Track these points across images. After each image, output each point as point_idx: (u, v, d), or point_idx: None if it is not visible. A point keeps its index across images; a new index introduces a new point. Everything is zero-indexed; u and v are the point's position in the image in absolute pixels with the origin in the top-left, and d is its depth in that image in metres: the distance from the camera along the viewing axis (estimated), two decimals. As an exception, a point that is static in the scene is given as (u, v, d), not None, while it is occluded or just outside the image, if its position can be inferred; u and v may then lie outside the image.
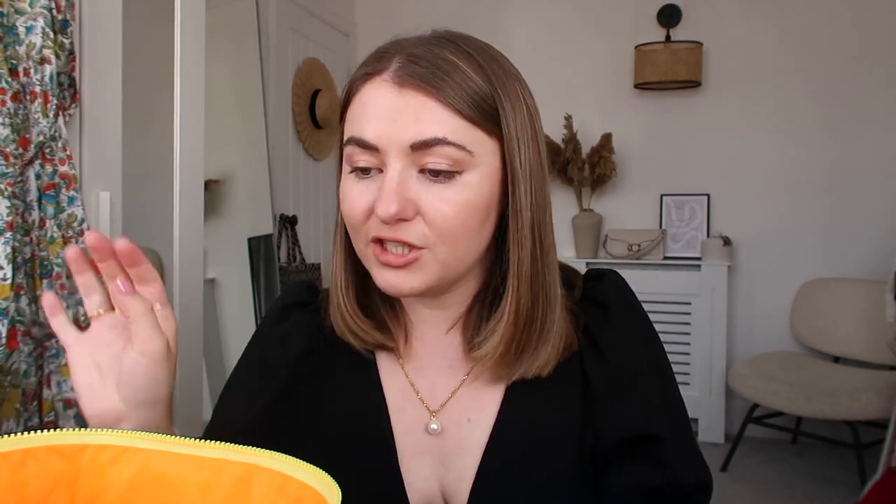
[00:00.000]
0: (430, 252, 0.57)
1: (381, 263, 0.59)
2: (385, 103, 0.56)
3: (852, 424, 2.51)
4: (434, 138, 0.55)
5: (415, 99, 0.56)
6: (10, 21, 1.28)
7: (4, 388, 1.26)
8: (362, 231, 0.59)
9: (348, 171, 0.60)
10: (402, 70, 0.57)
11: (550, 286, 0.62)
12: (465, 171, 0.57)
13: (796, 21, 3.09)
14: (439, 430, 0.65)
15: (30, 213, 1.32)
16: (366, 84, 0.59)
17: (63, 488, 0.39)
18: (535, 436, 0.63)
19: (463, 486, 0.63)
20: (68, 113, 1.42)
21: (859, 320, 2.81)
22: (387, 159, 0.56)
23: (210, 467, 0.39)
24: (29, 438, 0.39)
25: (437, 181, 0.56)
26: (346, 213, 0.60)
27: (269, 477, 0.39)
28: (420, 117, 0.55)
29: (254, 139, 2.78)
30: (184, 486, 0.39)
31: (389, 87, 0.57)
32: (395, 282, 0.58)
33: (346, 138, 0.59)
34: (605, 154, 3.17)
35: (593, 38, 3.36)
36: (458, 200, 0.56)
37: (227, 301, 2.74)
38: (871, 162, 3.00)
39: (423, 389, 0.66)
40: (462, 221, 0.57)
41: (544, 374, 0.63)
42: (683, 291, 3.06)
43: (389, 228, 0.56)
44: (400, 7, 3.58)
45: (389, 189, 0.55)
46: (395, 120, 0.56)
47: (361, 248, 0.61)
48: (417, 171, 0.57)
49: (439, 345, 0.67)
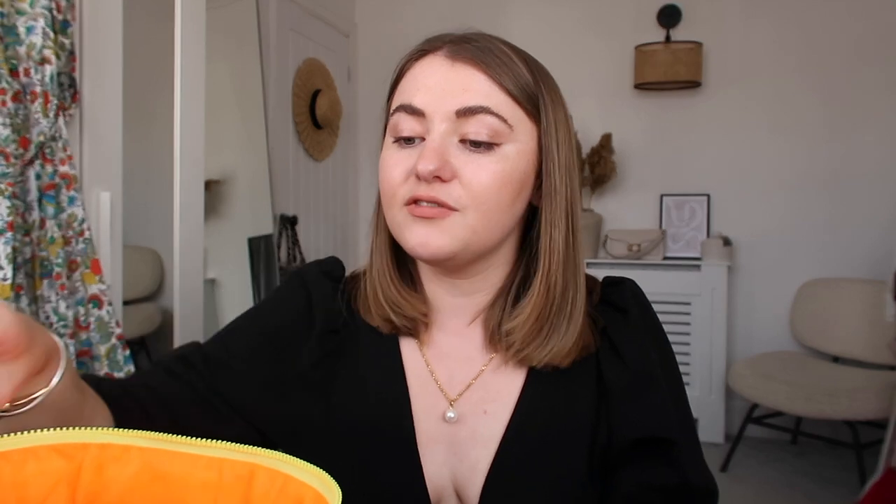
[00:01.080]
0: (461, 215, 0.59)
1: (414, 217, 0.60)
2: (437, 75, 0.60)
3: (852, 424, 2.51)
4: (479, 106, 0.59)
5: (465, 71, 0.60)
6: (10, 21, 1.28)
7: (5, 387, 1.26)
8: (399, 194, 0.60)
9: (391, 141, 0.62)
10: (455, 47, 0.61)
11: (579, 274, 0.65)
12: (504, 144, 0.60)
13: (796, 21, 3.09)
14: (456, 419, 0.65)
15: (30, 213, 1.32)
16: (419, 61, 0.63)
17: (64, 487, 0.39)
18: (550, 430, 0.64)
19: (476, 478, 0.63)
20: (68, 113, 1.42)
21: (859, 320, 2.81)
22: (431, 125, 0.59)
23: (212, 466, 0.39)
24: (30, 437, 0.39)
25: (477, 150, 0.59)
26: (383, 180, 0.62)
27: (270, 476, 0.39)
28: (467, 87, 0.59)
29: (254, 139, 2.78)
30: (186, 485, 0.39)
31: (442, 61, 0.61)
32: (425, 238, 0.59)
33: (393, 108, 0.62)
34: (605, 154, 3.17)
35: (593, 38, 3.36)
36: (495, 169, 0.59)
37: (227, 301, 2.74)
38: (871, 162, 3.01)
39: (442, 377, 0.67)
40: (497, 190, 0.60)
41: (564, 364, 0.64)
42: (683, 291, 3.06)
43: (427, 186, 0.58)
44: (400, 7, 3.58)
45: (431, 148, 0.58)
46: (444, 89, 0.60)
47: (395, 214, 0.62)
48: (459, 139, 0.60)
49: (460, 336, 0.68)
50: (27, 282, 1.32)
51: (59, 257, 1.36)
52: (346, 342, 0.70)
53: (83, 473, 0.39)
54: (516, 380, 0.66)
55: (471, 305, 0.68)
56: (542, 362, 0.63)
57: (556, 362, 0.63)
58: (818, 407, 2.47)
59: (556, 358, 0.63)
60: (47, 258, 1.35)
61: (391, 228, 0.64)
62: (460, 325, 0.68)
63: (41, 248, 1.34)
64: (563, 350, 0.63)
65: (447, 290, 0.68)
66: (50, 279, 1.35)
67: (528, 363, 0.65)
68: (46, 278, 1.34)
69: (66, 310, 1.36)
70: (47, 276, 1.34)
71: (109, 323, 1.46)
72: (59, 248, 1.36)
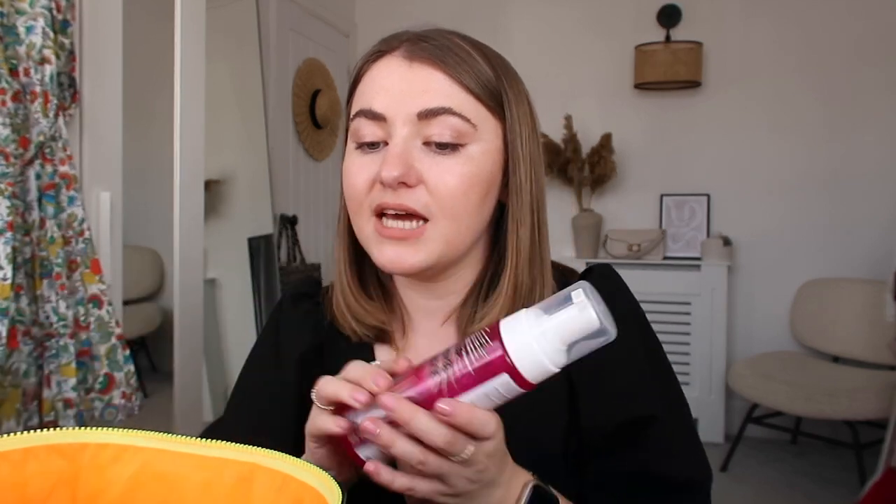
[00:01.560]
0: (433, 226, 0.59)
1: (382, 237, 0.59)
2: (395, 77, 0.59)
3: (852, 424, 2.51)
4: (440, 107, 0.57)
5: (423, 71, 0.59)
6: (10, 21, 1.28)
7: (4, 388, 1.26)
8: (365, 204, 0.60)
9: (353, 147, 0.61)
10: (412, 46, 0.60)
11: (545, 269, 0.65)
12: (468, 144, 0.59)
13: (796, 21, 3.09)
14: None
15: (30, 213, 1.32)
16: (376, 62, 0.61)
17: (64, 487, 0.39)
18: (519, 426, 0.64)
19: None
20: (68, 113, 1.42)
21: (859, 320, 2.81)
22: (393, 129, 0.58)
23: (211, 466, 0.39)
24: (29, 437, 0.39)
25: (441, 153, 0.58)
26: (348, 187, 0.61)
27: (269, 476, 0.39)
28: (427, 88, 0.58)
29: (254, 139, 2.78)
30: (185, 485, 0.39)
31: (400, 62, 0.60)
32: (396, 258, 0.59)
33: (353, 113, 0.61)
34: (605, 154, 3.17)
35: (593, 38, 3.36)
36: (461, 171, 0.58)
37: (227, 301, 2.74)
38: (871, 162, 3.00)
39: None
40: (464, 193, 0.58)
41: None
42: (683, 291, 3.06)
43: (393, 194, 0.57)
44: (400, 7, 3.57)
45: (394, 153, 0.57)
46: (403, 90, 0.58)
47: (363, 224, 0.61)
48: (422, 142, 0.58)
49: (434, 337, 0.68)
50: (27, 282, 1.32)
51: (59, 257, 1.36)
52: (326, 352, 0.70)
53: (83, 473, 0.39)
54: None
55: (444, 307, 0.67)
56: None
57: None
58: (818, 407, 2.47)
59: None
60: (47, 258, 1.35)
61: (360, 238, 0.63)
62: (434, 326, 0.68)
63: (41, 247, 1.34)
64: None
65: (420, 293, 0.67)
66: (50, 279, 1.35)
67: None
68: (46, 278, 1.34)
69: (66, 310, 1.36)
70: (47, 275, 1.34)
71: (109, 323, 1.46)
72: (59, 247, 1.36)
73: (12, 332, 1.26)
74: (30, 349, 1.31)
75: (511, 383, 0.46)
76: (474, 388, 0.46)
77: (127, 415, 1.49)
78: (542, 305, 0.47)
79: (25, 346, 1.30)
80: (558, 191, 3.36)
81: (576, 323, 0.45)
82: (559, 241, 3.40)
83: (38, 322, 1.34)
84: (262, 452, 0.40)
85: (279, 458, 0.40)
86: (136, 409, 1.51)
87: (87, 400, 1.43)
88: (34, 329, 1.33)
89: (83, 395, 1.41)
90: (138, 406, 1.51)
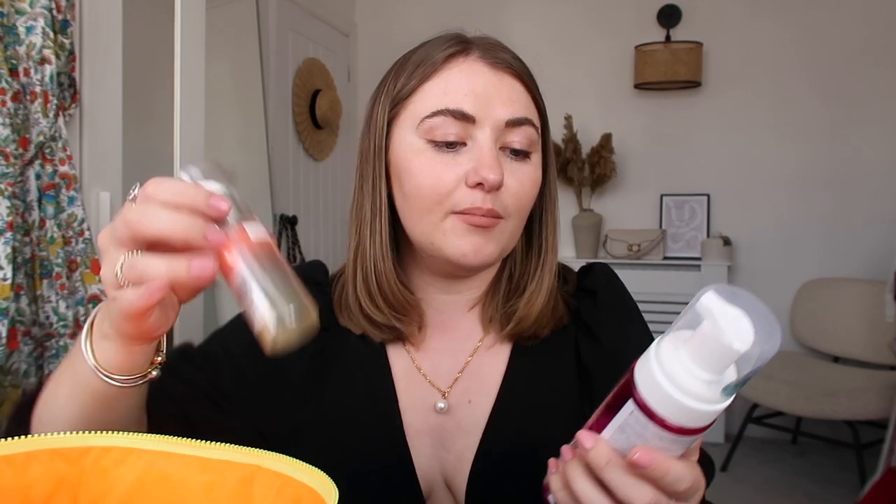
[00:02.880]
0: (504, 223, 0.62)
1: (471, 227, 0.60)
2: (481, 81, 0.61)
3: (852, 424, 2.51)
4: (525, 118, 0.62)
5: (508, 80, 0.62)
6: (10, 21, 1.28)
7: (4, 388, 1.26)
8: (445, 204, 0.60)
9: (424, 144, 0.61)
10: (492, 53, 0.63)
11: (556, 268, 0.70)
12: (534, 153, 0.64)
13: (796, 21, 3.09)
14: (446, 409, 0.66)
15: (30, 213, 1.32)
16: (452, 62, 0.62)
17: (66, 491, 0.39)
18: (532, 417, 0.65)
19: (463, 468, 0.64)
20: (68, 113, 1.42)
21: (859, 320, 2.81)
22: (479, 132, 0.60)
23: (214, 469, 0.39)
24: (32, 441, 0.39)
25: (516, 158, 0.62)
26: (425, 185, 0.60)
27: (270, 478, 0.39)
28: (513, 98, 0.62)
29: (254, 139, 2.78)
30: (188, 488, 0.39)
31: (483, 67, 0.62)
32: (479, 246, 0.60)
33: (432, 111, 0.61)
34: (605, 154, 3.17)
35: (593, 38, 3.36)
36: (531, 177, 0.63)
37: (227, 301, 2.74)
38: (871, 162, 3.01)
39: (429, 371, 0.68)
40: (531, 198, 0.64)
41: (543, 333, 0.66)
42: (683, 291, 3.06)
43: (487, 198, 0.59)
44: (400, 7, 3.57)
45: (493, 157, 0.59)
46: (491, 96, 0.61)
47: (436, 222, 0.61)
48: (498, 147, 0.61)
49: (447, 329, 0.69)
50: (27, 282, 1.32)
51: (59, 257, 1.36)
52: (332, 342, 0.69)
53: (85, 477, 0.39)
54: (499, 366, 0.67)
55: (461, 300, 0.69)
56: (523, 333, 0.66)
57: (539, 332, 0.66)
58: (818, 407, 2.47)
59: (539, 322, 0.66)
60: (47, 258, 1.34)
61: (421, 236, 0.62)
62: (447, 319, 0.69)
63: (41, 247, 1.34)
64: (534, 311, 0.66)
65: (441, 288, 0.68)
66: (50, 279, 1.35)
67: (510, 342, 0.68)
68: (46, 278, 1.34)
69: (65, 310, 1.36)
70: (47, 275, 1.34)
71: (109, 323, 1.46)
72: (59, 247, 1.36)
73: (12, 332, 1.26)
74: (30, 349, 1.31)
75: (644, 420, 0.40)
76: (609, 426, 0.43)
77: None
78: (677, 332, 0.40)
79: (25, 347, 1.30)
80: (558, 191, 3.36)
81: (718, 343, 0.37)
82: (559, 242, 3.40)
83: (38, 322, 1.34)
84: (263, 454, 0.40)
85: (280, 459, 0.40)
86: (136, 409, 1.51)
87: (88, 400, 1.43)
88: (34, 329, 1.33)
89: (83, 395, 1.41)
90: (138, 406, 1.51)
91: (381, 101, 0.65)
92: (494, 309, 0.68)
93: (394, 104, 0.64)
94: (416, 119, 0.61)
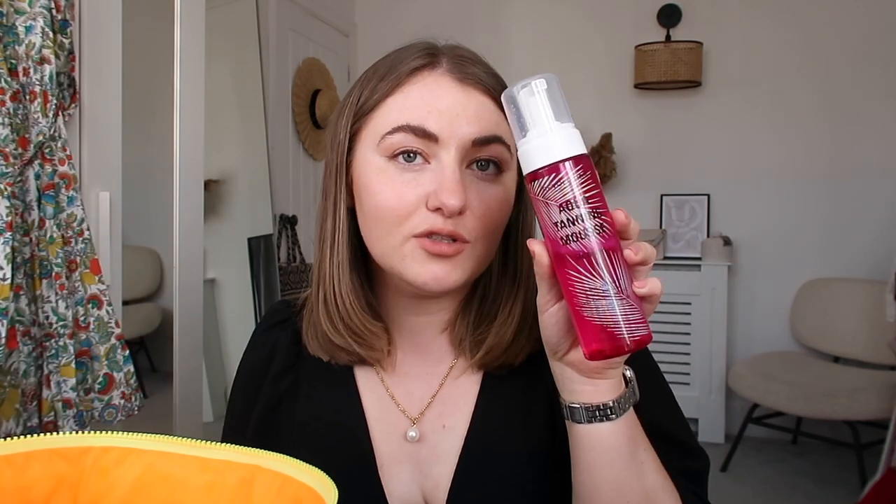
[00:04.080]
0: (471, 247, 0.58)
1: (431, 255, 0.57)
2: (448, 98, 0.58)
3: (852, 424, 2.51)
4: (494, 136, 0.58)
5: (476, 96, 0.58)
6: (9, 21, 1.28)
7: (4, 388, 1.26)
8: (404, 227, 0.57)
9: (384, 161, 0.58)
10: (460, 67, 0.59)
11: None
12: (505, 172, 0.60)
13: (797, 21, 3.09)
14: (417, 438, 0.65)
15: (29, 213, 1.32)
16: (417, 75, 0.59)
17: (65, 491, 0.39)
18: (507, 438, 0.63)
19: (440, 494, 0.63)
20: (68, 113, 1.42)
21: (859, 320, 2.81)
22: (443, 152, 0.57)
23: (215, 469, 0.39)
24: (32, 441, 0.38)
25: (484, 178, 0.59)
26: (384, 204, 0.57)
27: (270, 478, 0.39)
28: (481, 115, 0.58)
29: (254, 139, 2.78)
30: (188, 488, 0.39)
31: (450, 82, 0.58)
32: (442, 275, 0.57)
33: (393, 127, 0.57)
34: (605, 154, 3.17)
35: (593, 38, 3.36)
36: (501, 198, 0.59)
37: (227, 301, 2.74)
38: (871, 162, 3.01)
39: (401, 397, 0.67)
40: (501, 219, 0.60)
41: (517, 361, 0.64)
42: (683, 291, 3.06)
43: (448, 221, 0.56)
44: (400, 7, 3.57)
45: (455, 181, 0.55)
46: (458, 114, 0.57)
47: (396, 244, 0.58)
48: (467, 166, 0.58)
49: (418, 354, 0.67)
50: (26, 282, 1.32)
51: (59, 257, 1.35)
52: (301, 375, 0.70)
53: (85, 477, 0.39)
54: (472, 389, 0.65)
55: (433, 323, 0.67)
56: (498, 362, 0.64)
57: (510, 361, 0.63)
58: (818, 407, 2.47)
59: (506, 357, 0.63)
60: (47, 258, 1.34)
61: (382, 258, 0.60)
62: (420, 342, 0.67)
63: (40, 247, 1.34)
64: (515, 348, 0.63)
65: (411, 310, 0.66)
66: (49, 279, 1.35)
67: (482, 369, 0.65)
68: (46, 278, 1.34)
69: (65, 310, 1.36)
70: (47, 275, 1.34)
71: (109, 323, 1.46)
72: (59, 247, 1.36)
73: (12, 332, 1.26)
74: (29, 349, 1.31)
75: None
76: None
77: (126, 415, 1.49)
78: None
79: (25, 347, 1.30)
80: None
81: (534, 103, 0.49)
82: (559, 241, 3.40)
83: (38, 322, 1.34)
84: (264, 454, 0.40)
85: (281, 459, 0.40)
86: (135, 409, 1.50)
87: (87, 400, 1.43)
88: (34, 329, 1.33)
89: (83, 395, 1.41)
90: (138, 406, 1.51)
91: (346, 114, 0.62)
92: (465, 331, 0.65)
93: (356, 118, 0.61)
94: (378, 135, 0.58)
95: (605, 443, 0.53)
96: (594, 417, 0.53)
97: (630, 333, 0.46)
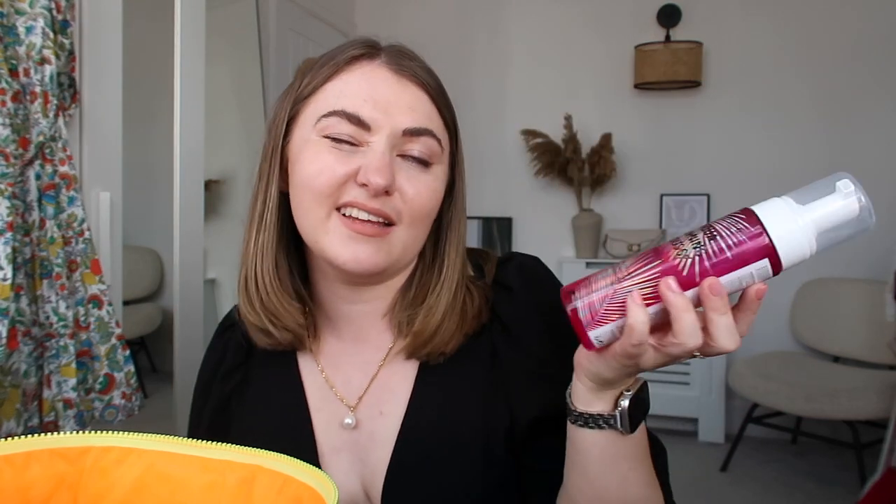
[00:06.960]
0: (397, 231, 0.60)
1: (353, 234, 0.58)
2: (383, 87, 0.60)
3: (852, 424, 2.51)
4: (425, 129, 0.60)
5: (411, 89, 0.61)
6: (10, 21, 1.28)
7: (4, 388, 1.26)
8: (331, 198, 0.59)
9: (317, 137, 0.60)
10: (398, 60, 0.61)
11: (465, 269, 0.68)
12: (435, 165, 0.62)
13: (796, 21, 3.09)
14: (354, 425, 0.66)
15: (30, 213, 1.32)
16: (355, 64, 0.61)
17: (66, 490, 0.39)
18: (444, 423, 0.64)
19: (377, 480, 0.63)
20: (68, 113, 1.42)
21: (859, 320, 2.81)
22: (374, 138, 0.59)
23: (215, 469, 0.39)
24: (32, 441, 0.39)
25: (415, 166, 0.61)
26: (316, 178, 0.59)
27: (270, 478, 0.39)
28: (414, 107, 0.60)
29: (254, 139, 2.78)
30: (189, 487, 0.39)
31: (386, 73, 0.61)
32: (363, 256, 0.58)
33: (328, 111, 0.59)
34: (604, 154, 3.17)
35: (593, 38, 3.36)
36: (432, 187, 0.62)
37: (227, 301, 2.74)
38: (871, 162, 3.01)
39: (340, 385, 0.68)
40: (431, 207, 0.62)
41: (448, 350, 0.64)
42: (683, 291, 3.06)
43: (372, 199, 0.58)
44: (400, 7, 3.57)
45: (384, 162, 0.58)
46: (391, 103, 0.59)
47: (321, 217, 0.59)
48: (398, 154, 0.60)
49: (356, 341, 0.68)
50: (27, 282, 1.32)
51: (59, 257, 1.36)
52: (251, 371, 0.71)
53: (85, 476, 0.39)
54: (409, 376, 0.66)
55: (369, 311, 0.67)
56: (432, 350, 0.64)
57: (442, 350, 0.64)
58: (818, 407, 2.47)
59: (440, 347, 0.63)
60: (47, 258, 1.34)
61: (309, 231, 0.61)
62: (356, 330, 0.68)
63: (41, 248, 1.34)
64: (443, 339, 0.63)
65: (346, 298, 0.66)
66: (50, 279, 1.35)
67: (416, 359, 0.65)
68: (46, 278, 1.34)
69: (66, 310, 1.36)
70: (47, 276, 1.34)
71: (109, 323, 1.46)
72: (59, 248, 1.36)
73: (12, 332, 1.26)
74: (30, 349, 1.31)
75: (767, 269, 0.49)
76: (730, 273, 0.48)
77: (127, 415, 1.49)
78: (797, 194, 0.50)
79: (25, 347, 1.30)
80: (558, 191, 3.36)
81: (839, 212, 0.48)
82: (559, 242, 3.40)
83: (38, 322, 1.34)
84: (264, 454, 0.40)
85: (281, 459, 0.40)
86: (135, 409, 1.51)
87: (87, 400, 1.43)
88: (34, 329, 1.33)
89: (83, 395, 1.41)
90: (138, 406, 1.51)
91: (286, 101, 0.64)
92: (403, 315, 0.65)
93: (295, 103, 0.63)
94: (314, 118, 0.60)
95: (592, 448, 0.54)
96: (580, 420, 0.54)
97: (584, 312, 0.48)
